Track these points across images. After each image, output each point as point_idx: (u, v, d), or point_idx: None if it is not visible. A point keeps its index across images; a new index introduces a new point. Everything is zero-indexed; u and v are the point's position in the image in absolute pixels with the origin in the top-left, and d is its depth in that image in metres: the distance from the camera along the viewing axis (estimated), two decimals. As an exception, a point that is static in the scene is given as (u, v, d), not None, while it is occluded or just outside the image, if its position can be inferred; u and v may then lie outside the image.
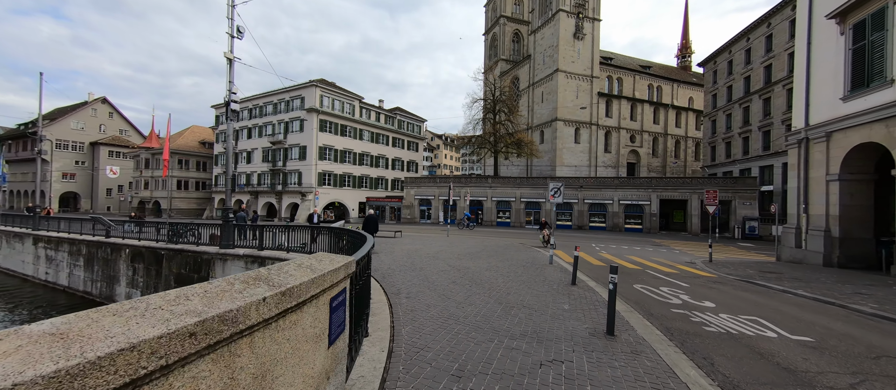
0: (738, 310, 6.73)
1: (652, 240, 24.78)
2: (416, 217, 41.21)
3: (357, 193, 44.36)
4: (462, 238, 21.17)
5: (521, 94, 54.41)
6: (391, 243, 16.68)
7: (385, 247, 14.75)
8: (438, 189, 40.27)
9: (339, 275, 2.15)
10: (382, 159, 48.15)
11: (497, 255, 13.21)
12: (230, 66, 13.18)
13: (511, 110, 44.05)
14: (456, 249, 14.83)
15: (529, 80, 53.49)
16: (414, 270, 9.09)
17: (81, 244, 18.13)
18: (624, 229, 32.40)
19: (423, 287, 7.20)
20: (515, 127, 44.33)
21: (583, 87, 48.46)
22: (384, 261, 10.69)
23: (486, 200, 37.85)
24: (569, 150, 47.82)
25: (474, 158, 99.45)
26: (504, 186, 37.54)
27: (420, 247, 15.05)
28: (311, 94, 39.93)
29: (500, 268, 10.07)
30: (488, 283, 7.90)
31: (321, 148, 40.02)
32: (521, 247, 16.60)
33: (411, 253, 13.03)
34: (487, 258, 12.33)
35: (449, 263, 10.68)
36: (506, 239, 22.01)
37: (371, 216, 14.00)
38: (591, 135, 48.86)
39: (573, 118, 47.89)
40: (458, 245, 16.73)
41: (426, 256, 12.18)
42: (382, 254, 12.27)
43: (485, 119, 44.54)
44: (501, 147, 42.89)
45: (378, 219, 14.58)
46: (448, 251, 14.04)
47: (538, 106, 51.59)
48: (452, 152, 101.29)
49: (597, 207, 33.98)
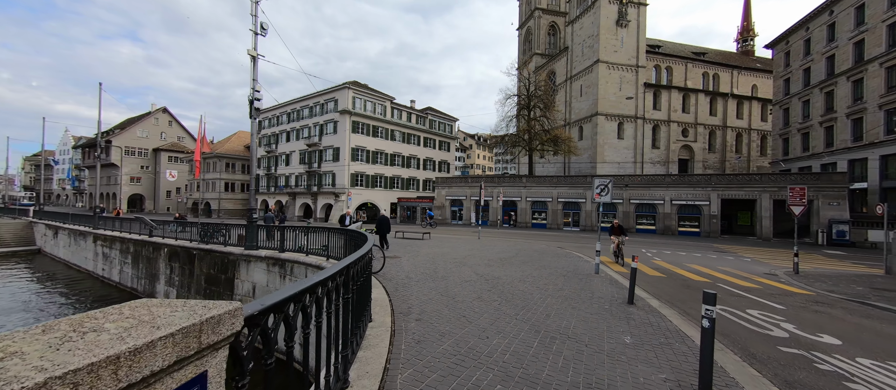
0: (881, 352, 4.78)
1: (712, 246, 21.66)
2: (448, 217, 40.17)
3: (388, 194, 44.26)
4: (494, 240, 19.72)
5: (558, 88, 51.53)
6: (417, 246, 15.68)
7: (409, 250, 13.75)
8: (470, 189, 38.95)
9: (186, 345, 0.98)
10: (414, 159, 47.75)
11: (532, 262, 11.67)
12: (253, 64, 12.87)
13: (547, 106, 41.64)
14: (486, 253, 13.47)
15: (567, 73, 50.47)
16: (434, 280, 7.90)
17: (129, 243, 19.09)
18: (677, 232, 28.98)
19: (441, 303, 5.98)
20: (552, 123, 41.84)
21: (627, 78, 44.71)
22: (404, 266, 9.63)
23: (521, 201, 35.90)
24: (611, 147, 44.30)
25: (508, 158, 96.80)
26: (540, 186, 35.37)
27: (447, 251, 13.87)
28: (343, 95, 40.40)
29: (536, 279, 8.59)
30: (522, 299, 6.51)
31: (353, 149, 40.33)
32: (559, 253, 14.84)
33: (436, 257, 11.88)
34: (521, 265, 10.86)
35: (476, 271, 9.38)
36: (542, 242, 20.20)
37: (382, 217, 14.02)
38: (637, 130, 44.92)
39: (616, 112, 44.31)
40: (489, 248, 15.34)
41: (452, 261, 10.97)
42: (404, 258, 11.25)
43: (519, 116, 42.51)
44: (536, 145, 40.66)
45: (389, 221, 14.55)
46: (477, 255, 12.73)
47: (576, 100, 48.46)
48: (485, 152, 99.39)
49: (645, 208, 30.78)
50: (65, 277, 21.95)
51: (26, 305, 15.95)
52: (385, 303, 5.68)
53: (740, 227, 30.04)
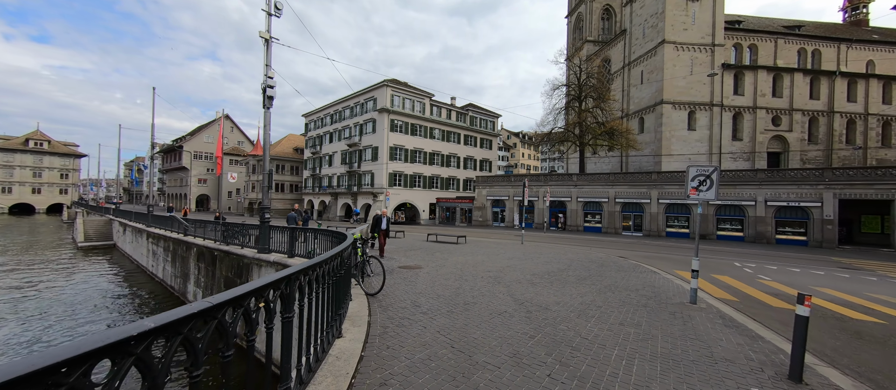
0: None
1: (831, 259, 16.61)
2: (489, 219, 37.54)
3: (427, 194, 42.77)
4: (539, 246, 16.86)
5: (614, 77, 46.27)
6: (448, 251, 13.49)
7: (436, 258, 11.60)
8: (513, 188, 35.96)
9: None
10: (454, 158, 45.80)
11: (592, 278, 8.86)
12: (267, 47, 11.66)
13: (601, 95, 37.18)
14: (530, 264, 10.86)
15: (624, 59, 45.06)
16: (452, 311, 5.59)
17: (170, 241, 19.40)
18: (774, 240, 23.44)
19: (448, 369, 3.65)
20: (607, 115, 37.27)
21: (699, 60, 38.45)
22: (419, 283, 7.46)
23: (571, 201, 32.13)
24: (679, 139, 38.35)
25: (555, 156, 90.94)
26: (593, 184, 31.33)
27: (481, 260, 11.48)
28: (382, 93, 39.71)
29: (603, 312, 5.92)
30: (588, 359, 3.99)
31: (392, 148, 39.43)
32: (624, 265, 11.69)
33: (465, 269, 9.59)
34: (577, 284, 8.15)
35: (515, 294, 6.91)
36: (599, 249, 16.88)
37: (377, 216, 13.40)
38: (713, 119, 38.42)
39: (685, 99, 38.29)
40: (534, 257, 12.65)
41: (484, 276, 8.59)
42: (425, 270, 9.11)
43: (568, 108, 38.57)
44: (588, 139, 36.44)
45: (386, 220, 13.53)
46: (518, 267, 10.19)
47: (636, 89, 42.96)
48: (530, 150, 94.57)
49: (729, 210, 25.50)
50: (127, 271, 23.23)
51: (104, 293, 17.20)
52: (350, 354, 3.52)
53: (865, 235, 23.56)
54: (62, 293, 17.20)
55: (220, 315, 1.68)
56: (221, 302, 1.71)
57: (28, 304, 15.08)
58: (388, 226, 12.78)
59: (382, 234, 12.23)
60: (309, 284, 2.98)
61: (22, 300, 15.61)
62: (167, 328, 1.41)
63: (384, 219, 12.52)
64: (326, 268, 3.38)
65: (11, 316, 13.52)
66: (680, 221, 27.00)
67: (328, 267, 3.42)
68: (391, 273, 8.56)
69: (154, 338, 1.35)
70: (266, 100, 11.78)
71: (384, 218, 12.53)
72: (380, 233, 12.11)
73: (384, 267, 6.64)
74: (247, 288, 1.99)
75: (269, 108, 11.91)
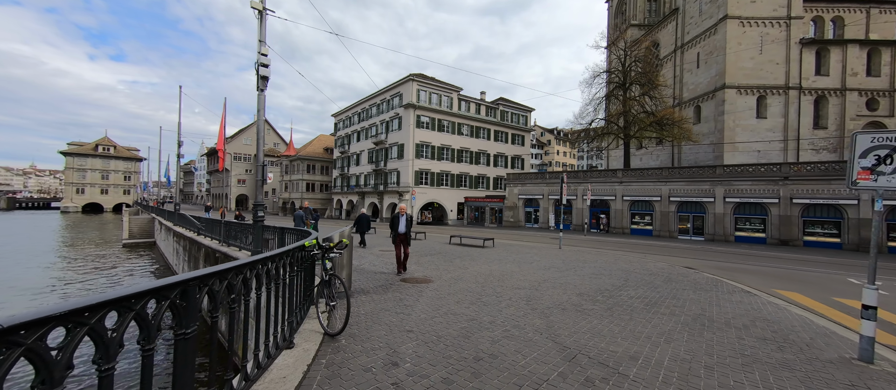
0: None
1: None
2: (521, 220, 34.73)
3: (455, 193, 40.72)
4: (581, 252, 14.14)
5: (663, 62, 41.45)
6: (471, 258, 11.30)
7: (454, 266, 9.46)
8: (548, 186, 32.91)
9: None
10: (483, 155, 43.36)
11: (665, 302, 6.29)
12: (260, 20, 10.20)
13: (650, 82, 33.06)
14: (573, 277, 8.40)
15: (676, 41, 40.14)
16: (453, 377, 3.35)
17: (187, 240, 18.99)
18: (887, 249, 18.70)
19: None
20: (656, 103, 33.08)
21: (771, 36, 33.03)
22: (417, 312, 5.36)
23: (615, 200, 28.56)
24: (746, 129, 33.14)
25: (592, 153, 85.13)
26: (642, 181, 27.57)
27: (510, 271, 9.17)
28: (408, 89, 38.27)
29: (722, 380, 3.49)
30: None
31: (418, 145, 37.85)
32: (696, 278, 8.82)
33: (489, 284, 7.38)
34: (647, 312, 5.66)
35: (560, 334, 4.60)
36: (655, 256, 13.84)
37: (362, 215, 13.56)
38: (788, 105, 32.81)
39: (753, 82, 33.04)
40: (577, 267, 10.12)
41: (513, 297, 6.34)
42: (433, 285, 7.01)
43: (610, 97, 34.77)
44: (634, 131, 32.49)
45: (370, 219, 13.85)
46: (558, 281, 7.79)
47: (690, 74, 38.00)
48: (566, 148, 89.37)
49: (819, 211, 20.92)
50: (156, 268, 23.43)
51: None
52: None
53: None
54: (91, 285, 17.28)
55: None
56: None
57: (52, 296, 15.08)
58: (408, 229, 8.34)
59: (401, 241, 8.28)
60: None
61: (53, 292, 15.66)
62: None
63: (403, 219, 8.31)
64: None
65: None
66: (753, 224, 22.68)
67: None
68: (387, 289, 6.54)
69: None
70: (260, 81, 10.32)
71: (403, 217, 8.34)
72: (397, 239, 8.32)
73: (349, 291, 4.41)
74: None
75: (263, 91, 10.45)
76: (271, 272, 3.16)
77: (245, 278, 2.73)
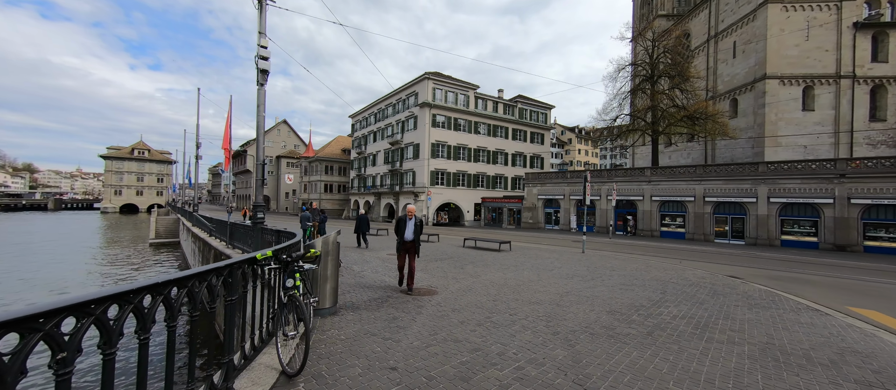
0: None
1: None
2: (540, 221, 33.29)
3: (472, 193, 39.70)
4: (607, 257, 12.82)
5: (694, 53, 38.81)
6: (484, 263, 10.32)
7: (465, 273, 8.52)
8: (570, 186, 31.35)
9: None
10: (501, 154, 42.11)
11: (717, 323, 5.12)
12: (260, 11, 9.70)
13: (681, 74, 30.86)
14: (601, 289, 7.28)
15: (708, 30, 37.47)
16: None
17: (201, 241, 19.01)
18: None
19: None
20: (688, 97, 30.83)
21: (819, 20, 30.08)
22: (408, 338, 4.47)
23: (642, 200, 26.71)
24: (789, 122, 30.30)
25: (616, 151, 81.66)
26: (673, 180, 25.63)
27: (528, 280, 8.14)
28: (423, 87, 37.62)
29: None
30: None
31: (433, 144, 37.11)
32: (747, 291, 7.46)
33: (501, 297, 6.41)
34: (698, 339, 4.54)
35: (591, 378, 3.61)
36: (693, 263, 12.34)
37: (361, 216, 13.81)
38: (839, 95, 29.74)
39: (798, 71, 30.17)
40: (605, 276, 8.94)
41: (531, 317, 5.35)
42: (436, 299, 6.12)
43: (637, 91, 32.78)
44: (663, 126, 30.42)
45: (369, 220, 14.23)
46: (585, 295, 6.71)
47: (726, 65, 35.30)
48: (588, 146, 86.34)
49: (884, 212, 18.50)
50: (176, 268, 23.83)
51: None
52: None
53: None
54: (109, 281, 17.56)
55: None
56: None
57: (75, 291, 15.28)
58: (417, 236, 6.51)
59: (407, 250, 6.52)
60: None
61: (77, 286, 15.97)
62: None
63: (411, 223, 6.52)
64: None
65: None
66: (802, 226, 20.41)
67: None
68: (381, 304, 5.70)
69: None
70: (259, 74, 9.80)
71: (411, 221, 6.55)
72: (403, 248, 6.55)
73: (309, 322, 3.28)
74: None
75: (263, 85, 9.93)
76: (197, 293, 2.37)
77: (137, 307, 1.94)
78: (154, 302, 2.01)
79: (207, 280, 2.48)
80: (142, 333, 1.93)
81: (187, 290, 2.27)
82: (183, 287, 2.24)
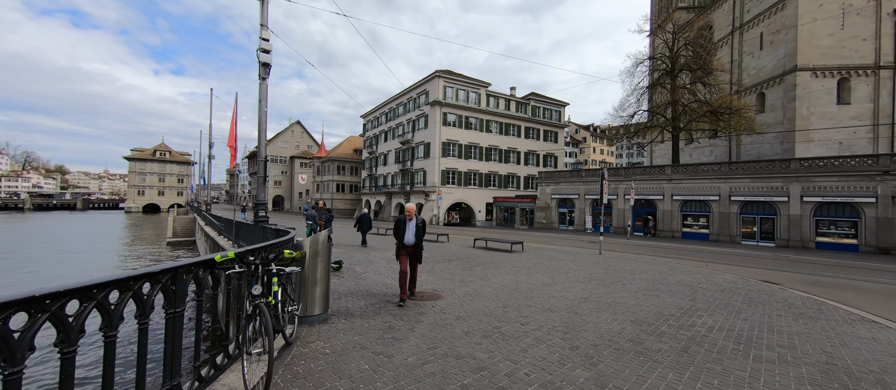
0: None
1: None
2: (554, 221, 32.36)
3: (483, 193, 39.02)
4: (626, 259, 12.02)
5: (718, 46, 37.05)
6: (495, 265, 9.74)
7: (474, 277, 7.97)
8: (584, 185, 30.33)
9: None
10: (513, 153, 41.27)
11: (761, 338, 4.42)
12: (263, 3, 9.39)
13: (703, 67, 29.43)
14: (623, 295, 6.61)
15: (733, 22, 35.70)
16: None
17: (211, 240, 19.07)
18: None
19: None
20: (712, 91, 29.36)
21: (855, 7, 28.12)
22: (406, 349, 3.95)
23: (663, 200, 25.51)
24: (823, 117, 28.45)
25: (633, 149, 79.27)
26: (696, 178, 24.37)
27: (542, 284, 7.53)
28: (434, 86, 37.19)
29: None
30: None
31: (444, 143, 36.62)
32: (786, 298, 6.64)
33: (512, 301, 5.83)
34: (741, 354, 3.88)
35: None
36: (721, 266, 11.42)
37: (363, 215, 13.99)
38: (879, 87, 27.72)
39: (833, 62, 28.30)
40: (626, 280, 8.22)
41: (542, 324, 4.78)
42: (440, 304, 5.60)
43: (656, 85, 31.49)
44: (685, 122, 29.07)
45: (371, 219, 14.36)
46: (605, 302, 6.06)
47: (752, 57, 33.52)
48: (603, 145, 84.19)
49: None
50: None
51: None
52: None
53: None
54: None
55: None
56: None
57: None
58: (419, 240, 5.74)
59: (407, 255, 5.73)
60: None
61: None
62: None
63: (411, 225, 5.71)
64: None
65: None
66: (840, 227, 18.95)
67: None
68: (378, 311, 5.20)
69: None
70: (261, 68, 9.47)
71: (411, 222, 5.75)
72: (403, 253, 5.71)
73: (269, 345, 2.72)
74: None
75: (265, 79, 9.60)
76: (113, 311, 1.91)
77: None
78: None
79: (132, 289, 1.97)
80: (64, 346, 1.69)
81: (96, 304, 1.77)
82: (87, 300, 1.74)
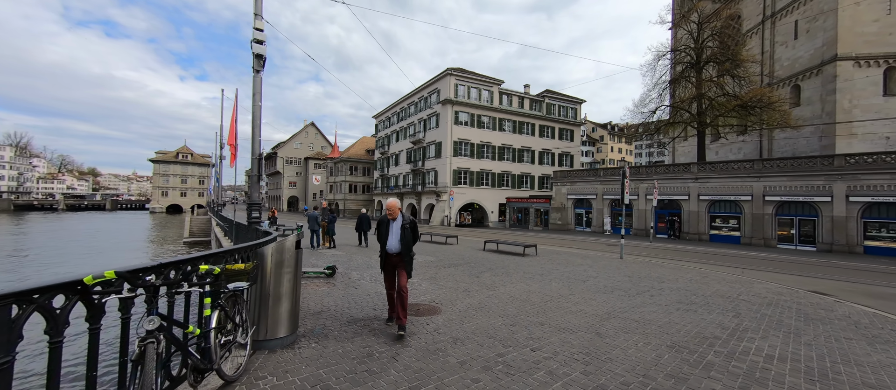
0: None
1: None
2: (570, 222, 31.06)
3: (496, 193, 38.01)
4: (651, 265, 10.90)
5: (747, 37, 34.84)
6: (505, 272, 8.88)
7: (480, 286, 7.14)
8: (602, 185, 28.94)
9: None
10: (527, 152, 40.08)
11: (837, 373, 3.43)
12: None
13: (732, 58, 27.59)
14: (651, 309, 5.64)
15: (763, 10, 33.45)
16: None
17: (219, 241, 18.95)
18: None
19: None
20: (741, 85, 27.47)
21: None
22: (382, 385, 3.22)
23: (688, 200, 23.94)
24: (867, 109, 26.11)
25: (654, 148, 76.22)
26: (725, 176, 22.72)
27: (557, 294, 6.63)
28: (445, 84, 36.48)
29: None
30: None
31: (456, 142, 35.84)
32: (849, 314, 5.52)
33: (522, 318, 4.99)
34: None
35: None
36: (760, 274, 10.17)
37: (362, 215, 14.00)
38: (933, 76, 25.23)
39: (878, 51, 25.97)
40: (653, 290, 7.21)
41: (558, 349, 3.92)
42: (438, 320, 4.82)
43: (679, 79, 29.78)
44: (711, 117, 27.30)
45: (370, 218, 14.41)
46: (631, 318, 5.14)
47: (785, 48, 31.25)
48: (621, 143, 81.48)
49: None
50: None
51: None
52: None
53: None
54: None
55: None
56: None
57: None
58: (405, 246, 4.39)
59: (393, 265, 4.52)
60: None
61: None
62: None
63: (394, 226, 4.46)
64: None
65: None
66: (892, 230, 17.09)
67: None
68: (359, 331, 4.45)
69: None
70: (255, 60, 8.92)
71: (394, 223, 4.47)
72: (387, 263, 4.54)
73: (205, 370, 2.13)
74: None
75: (259, 72, 9.05)
76: None
77: None
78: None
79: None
80: None
81: None
82: None
